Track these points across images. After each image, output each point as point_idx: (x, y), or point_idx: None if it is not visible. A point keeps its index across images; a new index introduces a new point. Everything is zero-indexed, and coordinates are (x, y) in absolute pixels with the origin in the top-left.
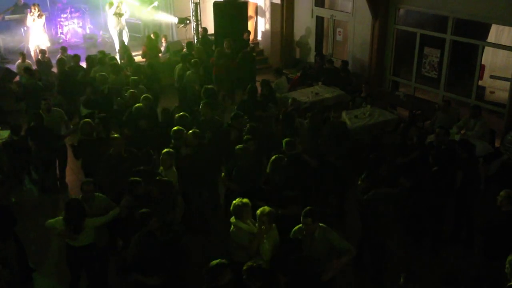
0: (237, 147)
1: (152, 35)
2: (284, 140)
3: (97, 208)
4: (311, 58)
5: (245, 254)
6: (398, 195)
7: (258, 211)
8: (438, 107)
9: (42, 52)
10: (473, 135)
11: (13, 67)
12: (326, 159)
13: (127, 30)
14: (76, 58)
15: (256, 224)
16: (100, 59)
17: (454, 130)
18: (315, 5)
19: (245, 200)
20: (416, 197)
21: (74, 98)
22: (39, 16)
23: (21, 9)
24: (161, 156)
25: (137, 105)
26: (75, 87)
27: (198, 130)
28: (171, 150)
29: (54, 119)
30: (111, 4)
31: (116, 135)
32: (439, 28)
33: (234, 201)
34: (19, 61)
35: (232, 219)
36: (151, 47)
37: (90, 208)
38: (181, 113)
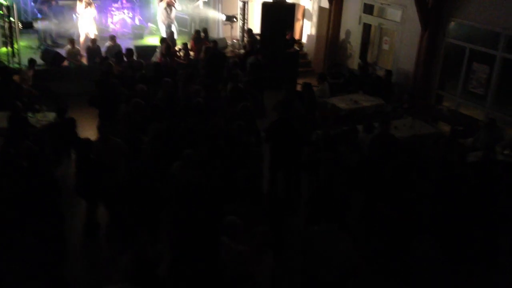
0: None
1: (202, 32)
2: None
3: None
4: (355, 65)
5: None
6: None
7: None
8: (482, 124)
9: (93, 41)
10: None
11: (63, 52)
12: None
13: (176, 24)
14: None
15: None
16: None
17: (497, 149)
18: (364, 12)
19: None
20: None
21: None
22: (87, 5)
23: None
24: None
25: None
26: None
27: None
28: None
29: (112, 151)
30: None
31: None
32: (489, 44)
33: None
34: (69, 46)
35: None
36: (198, 43)
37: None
38: None
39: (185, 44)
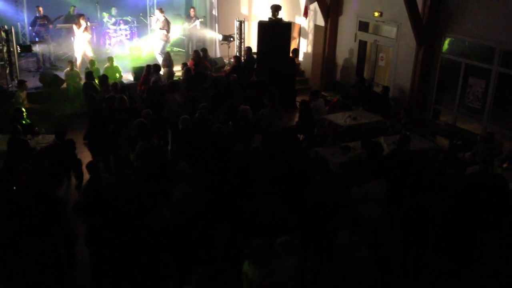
0: None
1: (200, 52)
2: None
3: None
4: (352, 81)
5: None
6: None
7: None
8: (480, 138)
9: (91, 62)
10: None
11: (61, 74)
12: None
13: (168, 43)
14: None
15: None
16: None
17: (496, 163)
18: (359, 30)
19: None
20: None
21: None
22: (85, 29)
23: (73, 19)
24: None
25: None
26: None
27: None
28: None
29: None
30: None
31: None
32: (485, 58)
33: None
34: (68, 68)
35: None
36: (197, 63)
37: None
38: None
39: (184, 64)
